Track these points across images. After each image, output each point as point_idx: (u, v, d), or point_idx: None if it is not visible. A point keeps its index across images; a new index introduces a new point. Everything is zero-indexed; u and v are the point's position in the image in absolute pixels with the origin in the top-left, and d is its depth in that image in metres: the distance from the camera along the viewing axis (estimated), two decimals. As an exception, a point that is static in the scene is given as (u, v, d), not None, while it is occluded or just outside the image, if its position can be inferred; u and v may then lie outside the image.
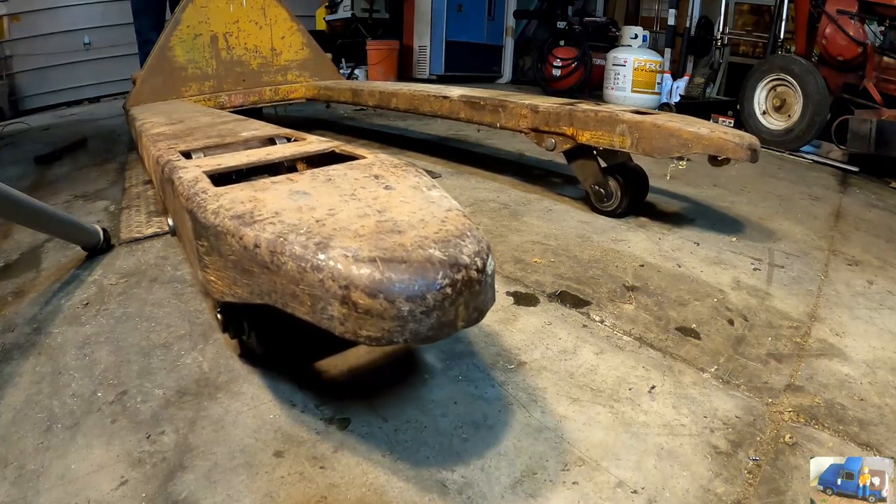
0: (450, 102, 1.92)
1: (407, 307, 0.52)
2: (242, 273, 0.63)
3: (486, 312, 0.59)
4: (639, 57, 4.45)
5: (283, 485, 0.69)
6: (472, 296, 0.55)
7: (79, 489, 0.68)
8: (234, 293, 0.67)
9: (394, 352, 0.96)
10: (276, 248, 0.58)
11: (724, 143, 1.32)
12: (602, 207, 1.65)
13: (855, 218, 1.86)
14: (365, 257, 0.54)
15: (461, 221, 0.62)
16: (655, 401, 0.86)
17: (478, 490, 0.68)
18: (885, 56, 2.67)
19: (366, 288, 0.52)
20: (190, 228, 0.72)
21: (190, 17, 2.44)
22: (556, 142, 1.62)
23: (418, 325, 0.53)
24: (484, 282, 0.57)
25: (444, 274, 0.53)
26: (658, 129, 1.39)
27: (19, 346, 0.99)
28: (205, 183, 0.76)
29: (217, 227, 0.65)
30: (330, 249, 0.55)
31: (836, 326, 1.11)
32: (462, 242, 0.57)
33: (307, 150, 0.95)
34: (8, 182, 1.08)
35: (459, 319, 0.55)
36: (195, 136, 1.18)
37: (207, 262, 0.69)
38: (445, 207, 0.65)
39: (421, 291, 0.52)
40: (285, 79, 2.80)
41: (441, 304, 0.53)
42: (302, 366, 0.92)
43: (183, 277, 1.22)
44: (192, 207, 0.70)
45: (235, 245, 0.62)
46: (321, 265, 0.55)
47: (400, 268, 0.53)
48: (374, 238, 0.57)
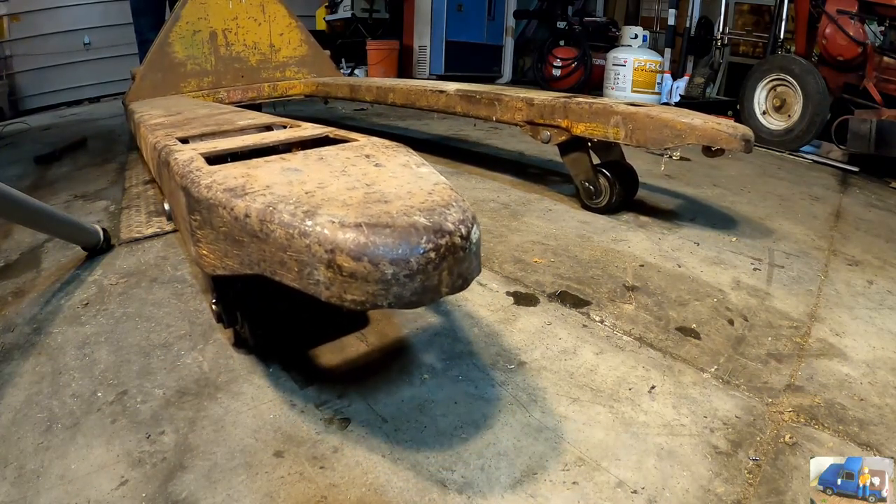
0: (446, 97, 1.92)
1: (391, 270, 0.53)
2: (233, 244, 0.65)
3: (471, 281, 0.60)
4: (639, 57, 4.45)
5: (283, 485, 0.69)
6: (455, 262, 0.56)
7: (79, 489, 0.68)
8: (225, 265, 0.68)
9: (394, 352, 0.96)
10: (266, 216, 0.59)
11: (717, 133, 1.32)
12: (591, 204, 1.67)
13: (855, 218, 1.86)
14: (351, 223, 0.55)
15: (448, 193, 0.63)
16: (655, 401, 0.86)
17: (478, 490, 0.68)
18: (885, 56, 2.67)
19: (350, 251, 0.53)
20: (184, 204, 0.73)
21: (189, 14, 2.45)
22: (551, 134, 1.63)
23: (402, 289, 0.54)
24: (468, 249, 0.58)
25: (428, 239, 0.55)
26: (652, 119, 1.40)
27: (19, 346, 0.99)
28: (199, 162, 0.78)
29: (209, 199, 0.66)
30: (317, 216, 0.57)
31: (836, 326, 1.11)
32: (447, 211, 0.58)
33: (302, 135, 0.97)
34: (8, 182, 1.08)
35: (443, 285, 0.56)
36: (193, 125, 1.19)
37: (200, 236, 0.70)
38: (433, 182, 0.66)
39: (405, 255, 0.53)
40: (284, 75, 2.81)
41: (425, 269, 0.54)
42: (294, 354, 0.93)
43: (183, 277, 1.22)
44: (186, 184, 0.71)
45: (227, 216, 0.64)
46: (308, 231, 0.56)
47: (384, 232, 0.54)
48: (361, 207, 0.58)
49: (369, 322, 1.04)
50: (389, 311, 1.08)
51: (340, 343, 0.97)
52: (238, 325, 0.91)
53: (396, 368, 0.91)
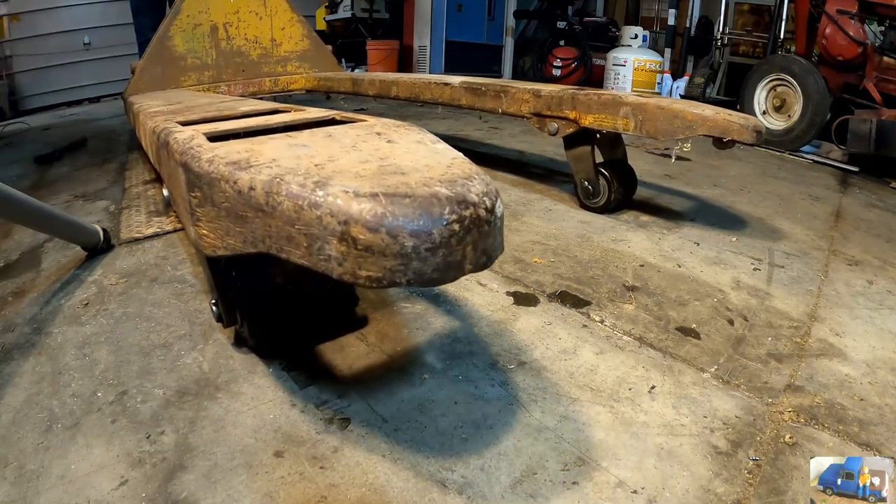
0: (451, 89, 1.89)
1: (411, 243, 0.49)
2: (236, 220, 0.61)
3: (495, 259, 0.56)
4: (639, 57, 4.45)
5: (283, 485, 0.69)
6: (480, 236, 0.52)
7: (79, 489, 0.68)
8: (226, 245, 0.64)
9: (394, 352, 0.96)
10: (272, 188, 0.55)
11: (728, 124, 1.31)
12: (589, 203, 1.67)
13: (855, 218, 1.86)
14: (366, 193, 0.50)
15: (468, 167, 0.59)
16: (655, 401, 0.86)
17: (478, 490, 0.68)
18: (885, 56, 2.67)
19: (367, 223, 0.49)
20: (183, 182, 0.69)
21: (190, 7, 2.44)
22: (558, 126, 1.61)
23: (423, 265, 0.50)
24: (493, 223, 0.54)
25: (452, 210, 0.50)
26: (662, 110, 1.38)
27: (19, 346, 0.99)
28: (201, 139, 0.74)
29: (211, 174, 0.62)
30: (329, 187, 0.52)
31: (836, 326, 1.11)
32: (469, 183, 0.54)
33: (307, 117, 0.92)
34: (8, 182, 1.08)
35: (467, 261, 0.52)
36: (193, 111, 1.14)
37: (200, 215, 0.66)
38: (451, 156, 0.62)
39: (426, 227, 0.49)
40: (285, 70, 2.80)
41: (448, 242, 0.50)
42: (294, 354, 0.93)
43: (183, 277, 1.22)
44: (186, 160, 0.67)
45: (229, 190, 0.60)
46: (319, 202, 0.51)
47: (404, 202, 0.49)
48: (377, 178, 0.54)
49: (369, 321, 1.04)
50: (389, 312, 1.08)
51: (340, 343, 0.97)
52: (238, 324, 0.90)
53: (396, 368, 0.91)
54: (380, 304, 1.10)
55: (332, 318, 1.03)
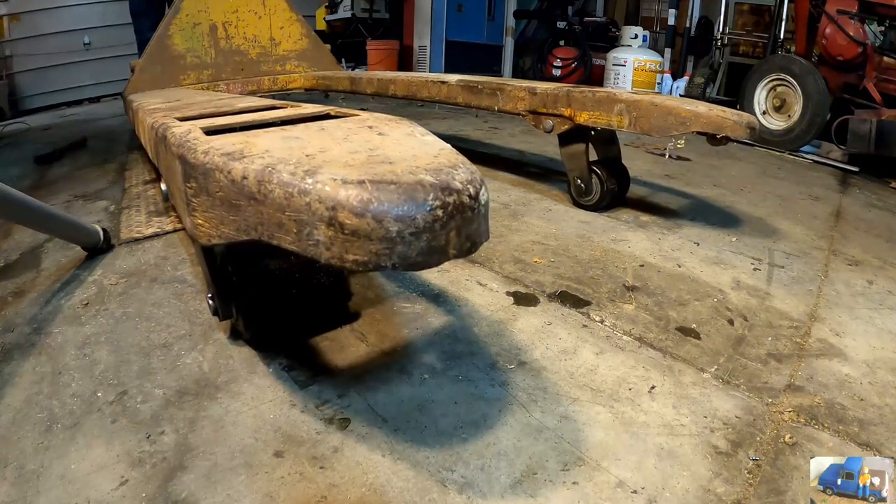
0: (448, 87, 1.90)
1: (395, 227, 0.51)
2: (230, 209, 0.63)
3: (480, 245, 0.58)
4: (639, 57, 4.45)
5: (283, 485, 0.69)
6: (464, 222, 0.54)
7: (79, 489, 0.68)
8: (220, 233, 0.66)
9: (394, 351, 0.96)
10: (264, 177, 0.57)
11: (722, 120, 1.31)
12: (581, 201, 1.67)
13: (855, 218, 1.86)
14: (353, 180, 0.53)
15: (454, 157, 0.61)
16: (655, 401, 0.86)
17: (478, 490, 0.68)
18: (885, 56, 2.67)
19: (353, 208, 0.51)
20: (179, 173, 0.71)
21: (189, 6, 2.45)
22: (553, 123, 1.62)
23: (407, 249, 0.52)
24: (477, 210, 0.56)
25: (435, 196, 0.53)
26: (656, 107, 1.39)
27: (19, 346, 0.99)
28: (197, 133, 0.76)
29: (206, 164, 0.64)
30: (318, 175, 0.54)
31: (836, 326, 1.11)
32: (454, 171, 0.56)
33: (302, 112, 0.95)
34: (8, 182, 1.08)
35: (451, 246, 0.54)
36: (192, 108, 1.17)
37: (196, 205, 0.68)
38: (439, 147, 0.65)
39: (410, 212, 0.51)
40: (284, 69, 2.81)
41: (431, 227, 0.52)
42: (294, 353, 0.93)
43: (183, 277, 1.22)
44: (183, 152, 0.70)
45: (223, 180, 0.62)
46: (308, 189, 0.54)
47: (389, 188, 0.52)
48: (365, 167, 0.56)
49: (361, 315, 1.05)
50: (390, 312, 1.08)
51: (340, 343, 0.98)
52: (233, 318, 0.91)
53: (396, 368, 0.91)
54: (380, 304, 1.10)
55: (326, 313, 1.04)
